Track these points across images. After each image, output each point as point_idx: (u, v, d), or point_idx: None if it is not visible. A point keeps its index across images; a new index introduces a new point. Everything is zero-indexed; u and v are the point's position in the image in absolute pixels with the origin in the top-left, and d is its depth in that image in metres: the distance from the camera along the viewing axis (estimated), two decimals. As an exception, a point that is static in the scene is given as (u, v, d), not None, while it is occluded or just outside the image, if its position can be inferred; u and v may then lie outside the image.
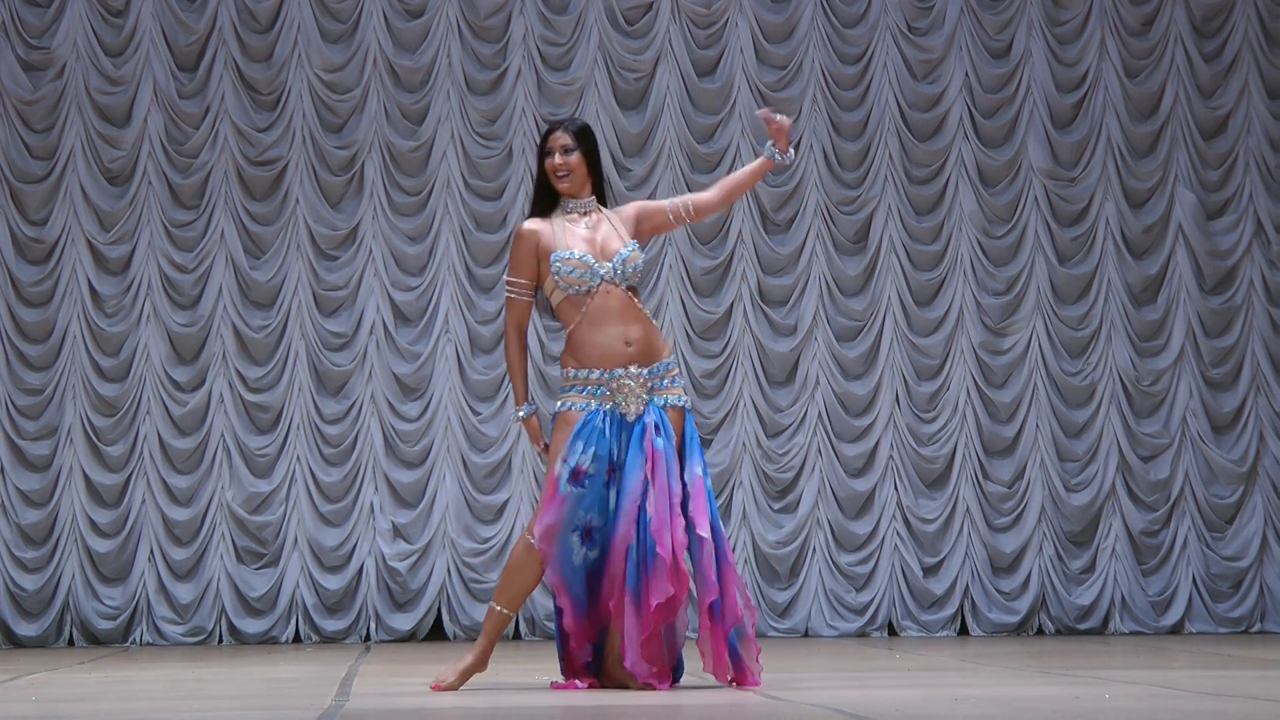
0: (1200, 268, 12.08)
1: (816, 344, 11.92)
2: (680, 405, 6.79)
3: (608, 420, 6.72)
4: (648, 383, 6.75)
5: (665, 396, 6.77)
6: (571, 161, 6.85)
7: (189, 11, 11.79)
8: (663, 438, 6.68)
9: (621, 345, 6.76)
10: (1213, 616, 11.87)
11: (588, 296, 6.79)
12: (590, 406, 6.73)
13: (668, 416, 6.74)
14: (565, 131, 6.88)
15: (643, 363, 6.76)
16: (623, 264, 6.81)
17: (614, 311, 6.77)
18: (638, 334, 6.78)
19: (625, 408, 6.73)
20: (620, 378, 6.74)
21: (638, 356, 6.76)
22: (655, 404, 6.75)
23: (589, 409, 6.73)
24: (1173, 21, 12.14)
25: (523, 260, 6.86)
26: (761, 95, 11.96)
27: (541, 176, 6.94)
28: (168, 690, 7.29)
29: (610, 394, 6.74)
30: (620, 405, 6.73)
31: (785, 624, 11.71)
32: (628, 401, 6.73)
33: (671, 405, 6.77)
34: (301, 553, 11.58)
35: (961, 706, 5.80)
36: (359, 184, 11.82)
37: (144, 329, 11.64)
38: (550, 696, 6.52)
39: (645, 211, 7.02)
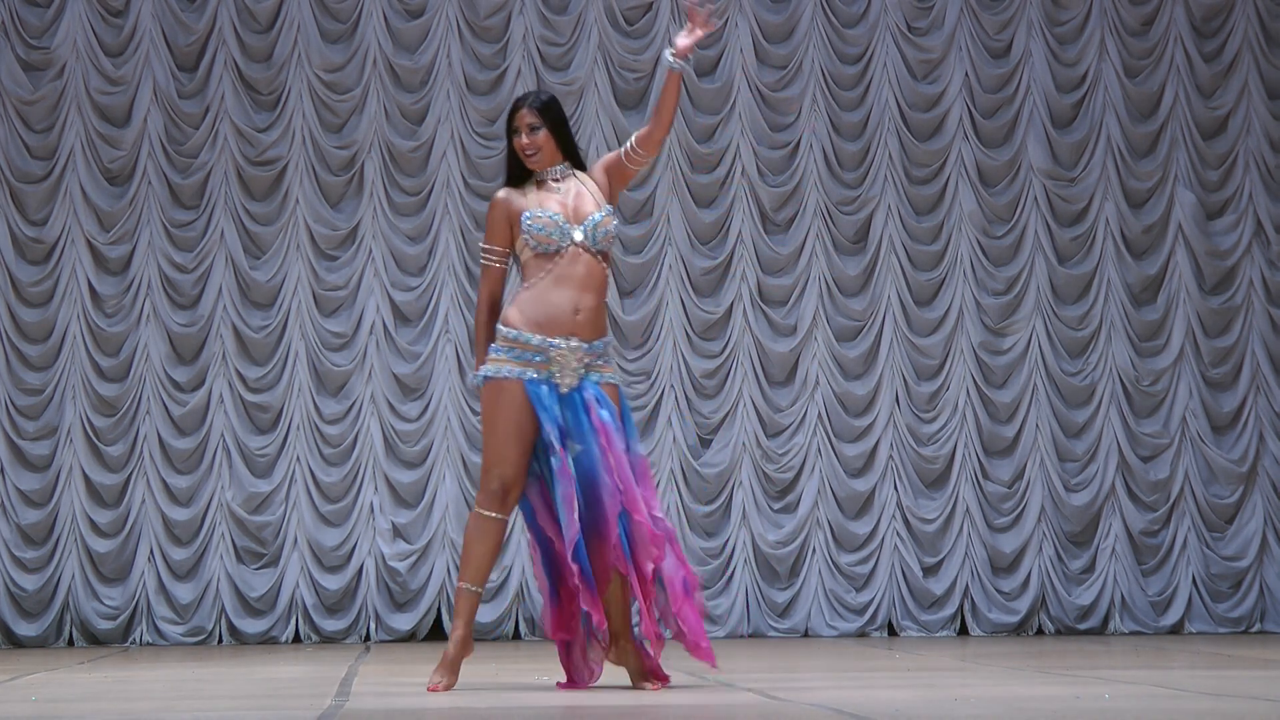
0: (1200, 268, 12.08)
1: (816, 344, 11.92)
2: (614, 382, 6.71)
3: (548, 389, 6.64)
4: (585, 358, 6.66)
5: (600, 374, 6.69)
6: (539, 139, 6.75)
7: (189, 11, 11.79)
8: (606, 410, 6.62)
9: (570, 313, 6.63)
10: (1212, 616, 11.88)
11: (556, 256, 6.68)
12: (527, 375, 6.62)
13: (605, 393, 6.67)
14: (530, 109, 6.77)
15: (585, 337, 6.65)
16: (594, 228, 6.68)
17: (576, 278, 6.65)
18: (590, 304, 6.66)
19: (560, 379, 6.65)
20: (559, 348, 6.63)
21: (582, 328, 6.64)
22: (591, 379, 6.67)
23: (526, 377, 6.61)
24: (1172, 21, 12.14)
25: (496, 226, 6.78)
26: (761, 95, 11.96)
27: (512, 154, 6.85)
28: (168, 690, 7.29)
29: (545, 363, 6.66)
30: (555, 376, 6.65)
31: (785, 624, 11.71)
32: (563, 374, 6.64)
33: (607, 382, 6.69)
34: (301, 553, 11.58)
35: (961, 706, 5.80)
36: (359, 184, 11.82)
37: (144, 329, 11.64)
38: (550, 696, 6.52)
39: (609, 166, 6.85)
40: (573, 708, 5.99)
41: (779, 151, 11.99)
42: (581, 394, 6.62)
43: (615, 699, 6.33)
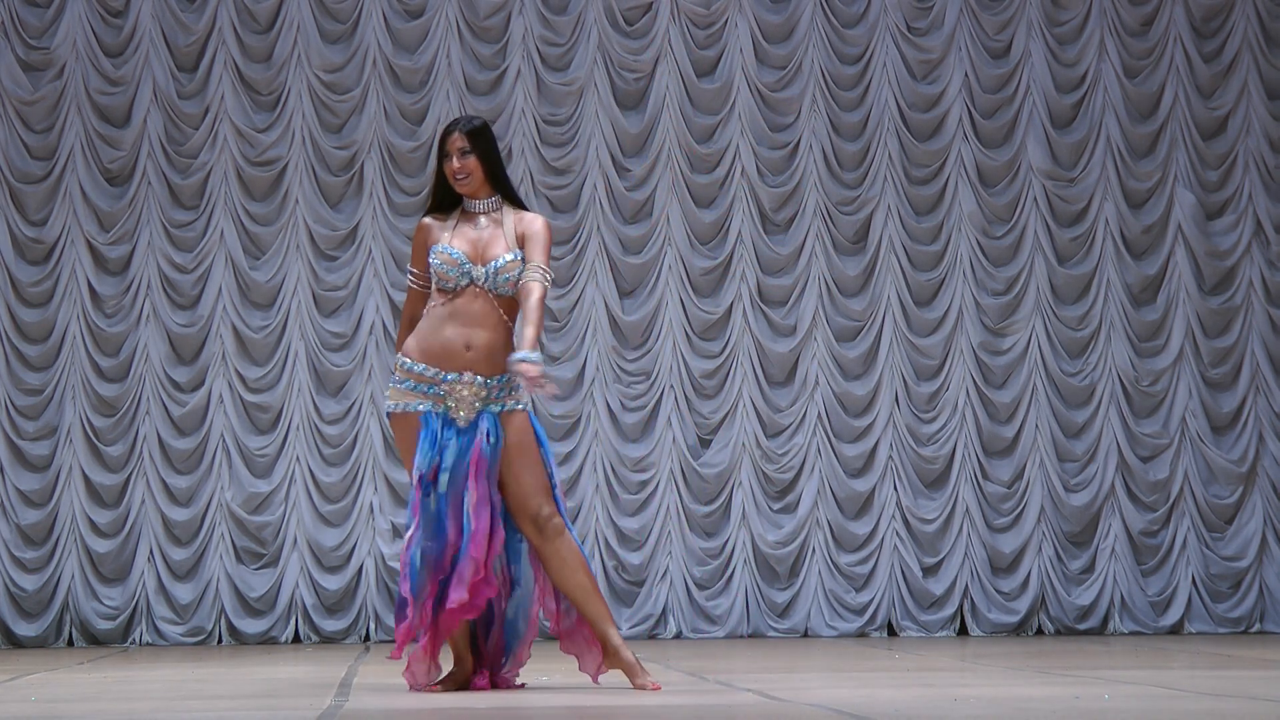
0: (1200, 268, 12.09)
1: (816, 344, 11.92)
2: (520, 408, 6.69)
3: (440, 422, 6.64)
4: (482, 392, 6.67)
5: (503, 403, 6.68)
6: (469, 164, 6.77)
7: (188, 12, 11.79)
8: (491, 446, 6.61)
9: (461, 349, 6.65)
10: (1212, 617, 11.88)
11: (455, 294, 6.71)
12: (422, 409, 6.65)
13: (503, 422, 6.66)
14: (461, 133, 6.79)
15: (481, 372, 6.66)
16: (495, 272, 6.69)
17: (470, 316, 6.68)
18: (483, 341, 6.66)
19: (455, 413, 6.65)
20: (454, 383, 6.65)
21: (475, 363, 6.65)
22: (490, 411, 6.67)
23: (421, 411, 6.64)
24: (1172, 22, 12.14)
25: (418, 252, 6.85)
26: (761, 96, 11.96)
27: (440, 179, 6.87)
28: (167, 690, 7.29)
29: (441, 397, 6.66)
30: (451, 410, 6.66)
31: (785, 624, 11.71)
32: (459, 407, 6.65)
33: (509, 410, 6.68)
34: (301, 553, 11.58)
35: (961, 707, 5.80)
36: (358, 184, 11.82)
37: (144, 329, 11.64)
38: (551, 697, 6.52)
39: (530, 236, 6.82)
40: (573, 708, 5.99)
41: (779, 152, 11.99)
42: (476, 424, 6.65)
43: (615, 700, 6.33)
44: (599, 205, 11.87)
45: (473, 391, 6.66)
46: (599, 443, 11.74)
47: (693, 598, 11.67)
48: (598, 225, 11.86)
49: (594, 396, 11.77)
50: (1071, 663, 8.40)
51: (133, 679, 8.10)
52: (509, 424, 6.68)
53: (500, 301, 6.73)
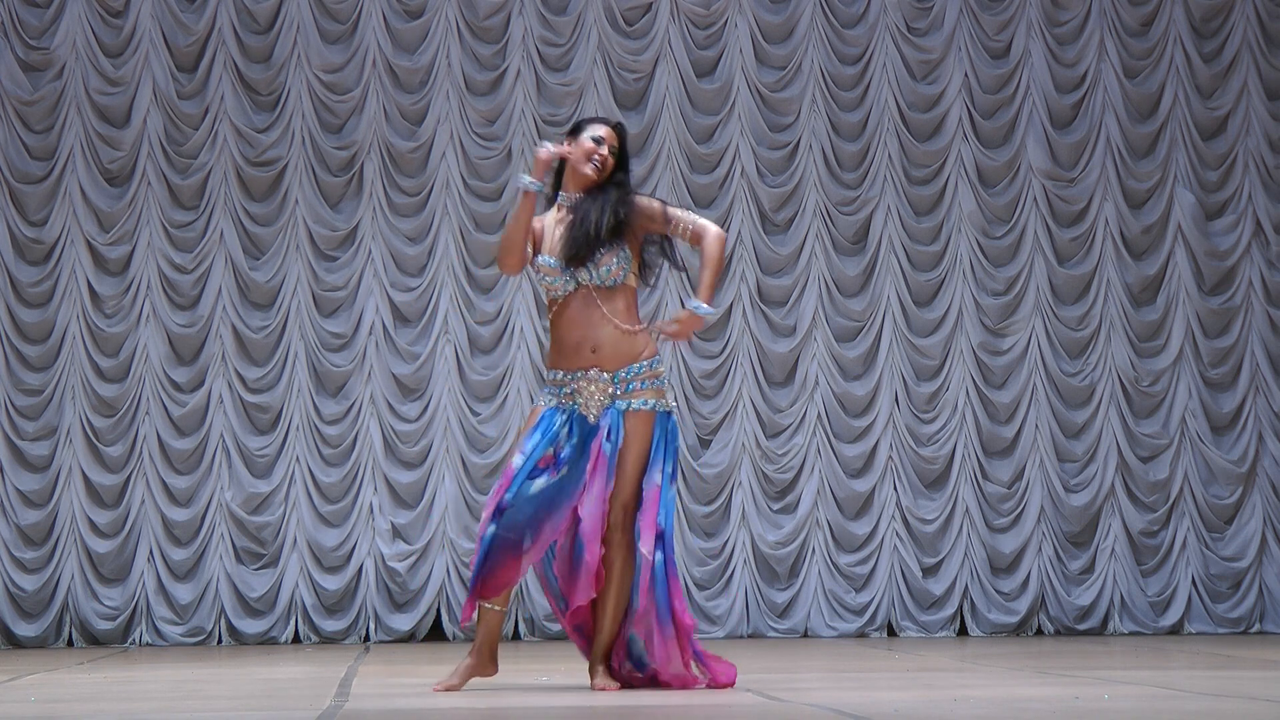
0: (1199, 268, 12.09)
1: (816, 344, 11.92)
2: (645, 410, 6.74)
3: (568, 418, 6.71)
4: (609, 388, 6.72)
5: (630, 400, 6.73)
6: (610, 162, 6.84)
7: (188, 12, 11.79)
8: (611, 444, 6.65)
9: (587, 352, 6.74)
10: (1212, 617, 11.88)
11: (566, 300, 6.77)
12: (550, 404, 6.75)
13: (628, 421, 6.70)
14: (615, 132, 6.86)
15: (606, 368, 6.73)
16: (596, 266, 6.76)
17: (583, 318, 6.75)
18: (605, 339, 6.73)
19: (586, 410, 6.72)
20: (579, 379, 6.72)
21: (601, 362, 6.72)
22: (617, 408, 6.71)
23: (549, 406, 6.75)
24: (1172, 22, 12.14)
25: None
26: (761, 96, 11.96)
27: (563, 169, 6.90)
28: (167, 691, 7.29)
29: (572, 395, 6.74)
30: (581, 407, 6.72)
31: (784, 624, 11.71)
32: (588, 405, 6.71)
33: (635, 410, 6.72)
34: (301, 553, 11.59)
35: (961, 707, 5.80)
36: (358, 184, 11.83)
37: (143, 329, 11.64)
38: (551, 696, 6.53)
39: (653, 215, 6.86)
40: (573, 708, 5.99)
41: (778, 152, 11.99)
42: (600, 422, 6.70)
43: (615, 700, 6.33)
44: (599, 205, 11.85)
45: (599, 388, 6.72)
46: (599, 443, 11.72)
47: (692, 598, 11.66)
48: (597, 225, 11.84)
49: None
50: (1071, 663, 8.40)
51: (133, 679, 8.10)
52: (629, 423, 6.71)
53: (607, 294, 6.76)
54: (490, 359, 11.79)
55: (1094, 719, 5.34)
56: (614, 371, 6.74)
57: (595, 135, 6.84)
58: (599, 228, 6.74)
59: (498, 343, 11.80)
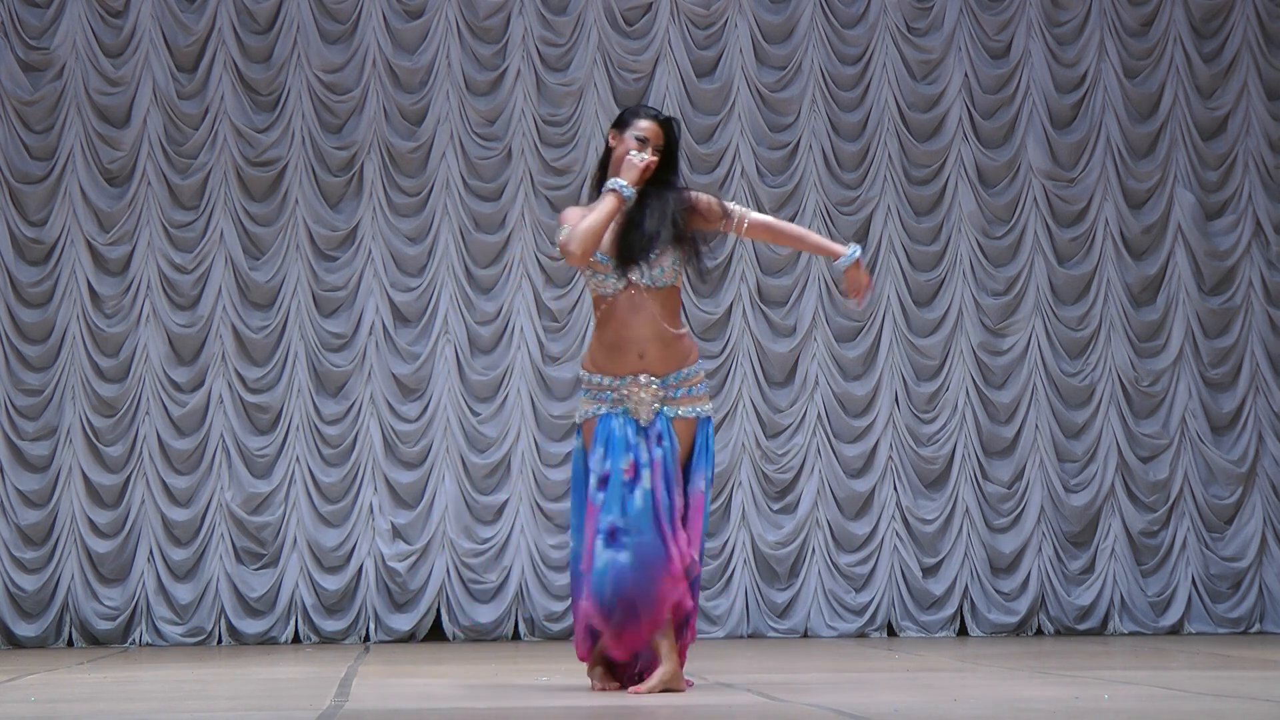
0: (1199, 268, 12.09)
1: (816, 344, 11.92)
2: (691, 417, 6.70)
3: (624, 422, 6.65)
4: (659, 392, 6.67)
5: (677, 408, 6.68)
6: (653, 165, 6.67)
7: (188, 12, 11.79)
8: (663, 449, 6.61)
9: (635, 358, 6.64)
10: (1212, 617, 11.88)
11: (613, 299, 6.67)
12: (601, 411, 6.65)
13: (676, 427, 6.66)
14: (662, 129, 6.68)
15: (657, 373, 6.66)
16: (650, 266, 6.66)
17: (632, 320, 6.63)
18: (654, 347, 6.64)
19: (636, 413, 6.65)
20: (628, 384, 6.65)
21: (650, 366, 6.64)
22: (665, 414, 6.66)
23: (600, 414, 6.65)
24: (1172, 22, 12.14)
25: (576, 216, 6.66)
26: (761, 96, 11.96)
27: (607, 157, 6.75)
28: (167, 691, 7.29)
29: (621, 399, 6.67)
30: (632, 411, 6.65)
31: (784, 624, 11.71)
32: (638, 409, 6.65)
33: (681, 417, 6.68)
34: (301, 553, 11.58)
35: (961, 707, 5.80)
36: (358, 184, 11.82)
37: (143, 329, 11.64)
38: (550, 696, 6.52)
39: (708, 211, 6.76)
40: (571, 708, 5.99)
41: (778, 152, 11.99)
42: (652, 428, 6.64)
43: (614, 700, 6.33)
44: (599, 205, 11.85)
45: (650, 393, 6.66)
46: (599, 443, 11.72)
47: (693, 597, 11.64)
48: (597, 225, 11.84)
49: (594, 397, 11.76)
50: (1071, 663, 8.40)
51: (132, 679, 8.10)
52: (677, 428, 6.67)
53: (656, 296, 6.66)
54: (490, 359, 11.79)
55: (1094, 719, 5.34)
56: (664, 376, 6.67)
57: (640, 134, 6.68)
58: (656, 239, 6.61)
59: (498, 343, 11.80)
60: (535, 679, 7.45)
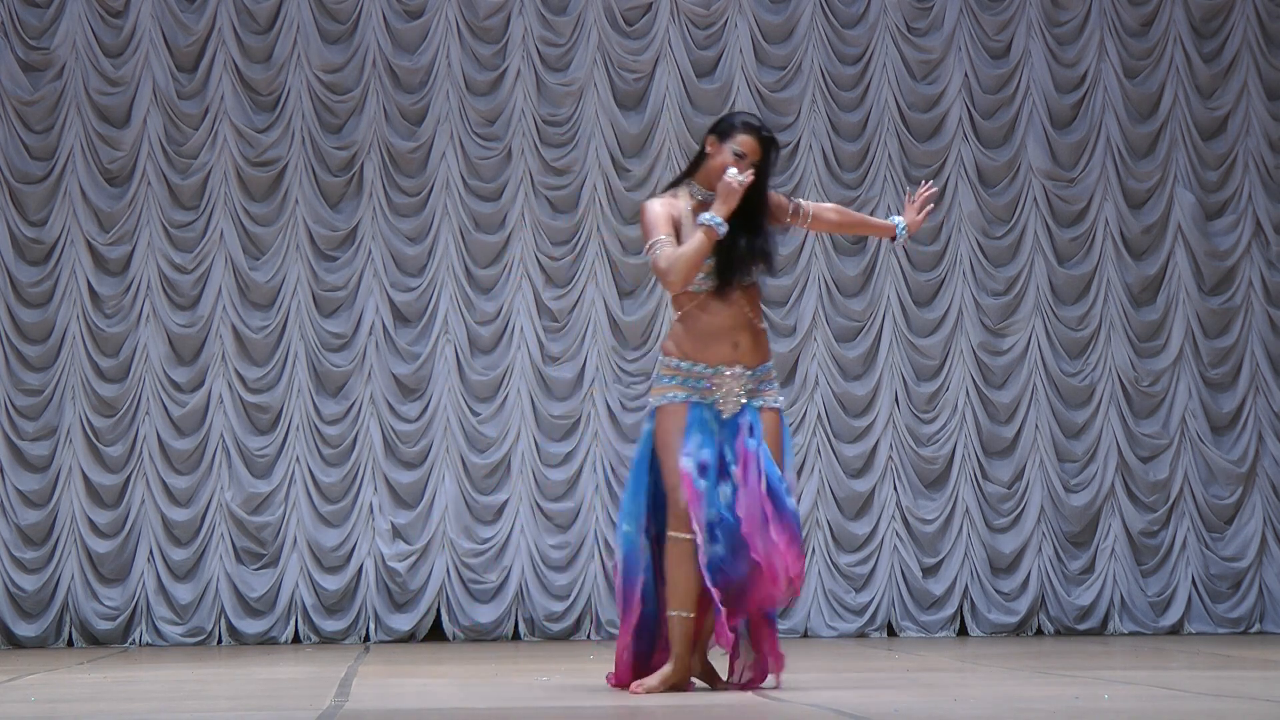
0: (1199, 268, 12.09)
1: (816, 344, 11.92)
2: (775, 407, 6.74)
3: (710, 414, 6.66)
4: (748, 384, 6.69)
5: (763, 398, 6.71)
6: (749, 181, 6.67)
7: (188, 12, 11.79)
8: (755, 439, 6.62)
9: (730, 348, 6.68)
10: (1212, 617, 11.87)
11: (702, 294, 6.71)
12: (692, 399, 6.65)
13: (764, 418, 6.68)
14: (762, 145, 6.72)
15: (748, 364, 6.70)
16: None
17: (727, 312, 6.70)
18: (746, 339, 6.70)
19: (723, 405, 6.66)
20: (720, 373, 6.67)
21: (743, 358, 6.69)
22: (752, 406, 6.67)
23: (691, 401, 6.64)
24: (1172, 22, 12.14)
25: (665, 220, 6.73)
26: (761, 96, 11.96)
27: (700, 158, 6.78)
28: (167, 691, 7.29)
29: (710, 389, 6.68)
30: (719, 402, 6.66)
31: (784, 624, 11.70)
32: (726, 400, 6.66)
33: (768, 407, 6.71)
34: (301, 553, 11.58)
35: (961, 707, 5.80)
36: (358, 185, 11.82)
37: (143, 329, 11.64)
38: (550, 697, 6.52)
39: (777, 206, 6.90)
40: (571, 708, 5.99)
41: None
42: (738, 419, 6.65)
43: (614, 700, 6.33)
44: (599, 206, 11.87)
45: (740, 385, 6.68)
46: (599, 443, 11.74)
47: (692, 598, 11.65)
48: (597, 226, 11.86)
49: (594, 397, 11.77)
50: (1071, 663, 8.40)
51: (133, 679, 8.10)
52: (765, 420, 6.70)
53: (745, 291, 6.75)
54: (490, 359, 11.79)
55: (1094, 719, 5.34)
56: (754, 368, 6.71)
57: (738, 149, 6.69)
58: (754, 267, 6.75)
59: (498, 343, 11.80)
60: (535, 679, 7.45)
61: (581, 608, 11.62)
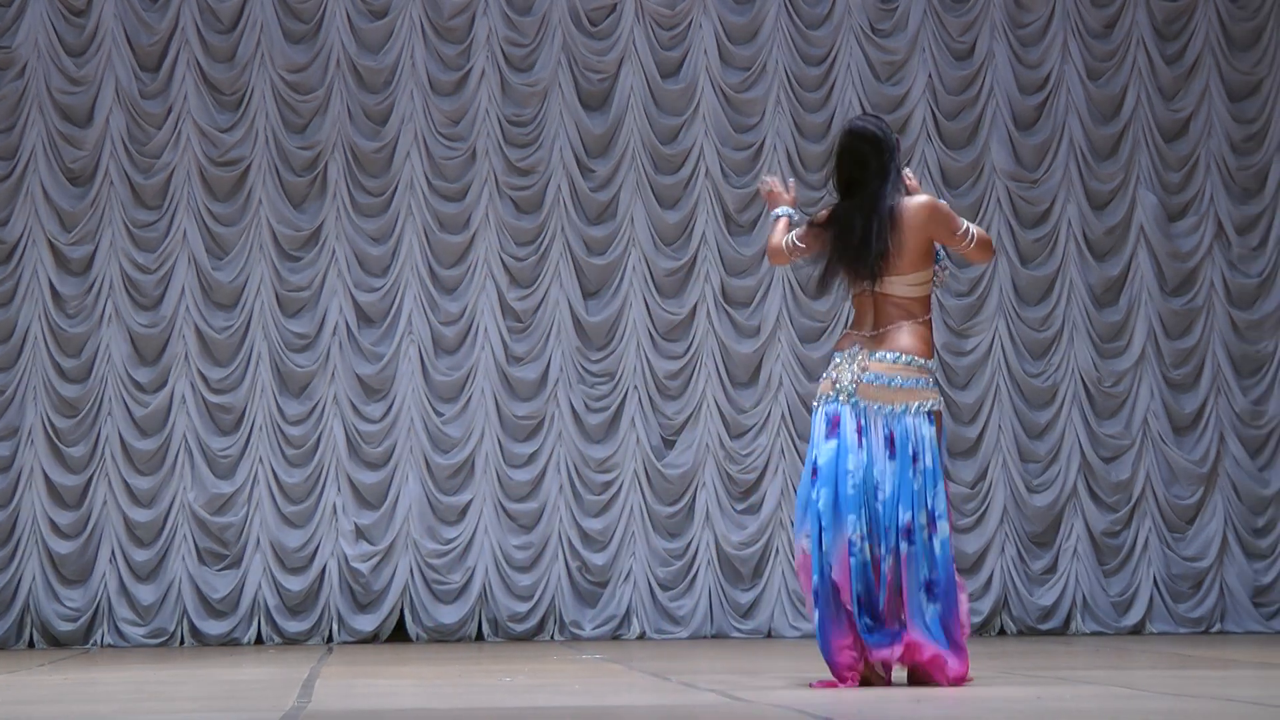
0: (1161, 269, 12.13)
1: (780, 345, 11.93)
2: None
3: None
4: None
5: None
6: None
7: (151, 11, 11.75)
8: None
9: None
10: (1173, 617, 11.92)
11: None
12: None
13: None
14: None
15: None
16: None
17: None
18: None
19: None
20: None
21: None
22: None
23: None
24: (1134, 24, 12.18)
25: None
26: (725, 96, 11.97)
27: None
28: (129, 692, 7.26)
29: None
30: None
31: (748, 625, 11.71)
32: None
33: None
34: (264, 554, 11.55)
35: (923, 707, 5.81)
36: (322, 185, 11.80)
37: (105, 330, 11.59)
38: (513, 697, 6.52)
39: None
40: (535, 709, 5.99)
41: (743, 152, 12.00)
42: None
43: (578, 700, 6.33)
44: (563, 206, 11.86)
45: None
46: (563, 444, 11.74)
47: (656, 598, 11.67)
48: (562, 226, 11.85)
49: (558, 397, 11.77)
50: (1033, 663, 8.42)
51: (94, 681, 8.07)
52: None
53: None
54: (454, 359, 11.78)
55: (1056, 719, 5.35)
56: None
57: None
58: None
59: (461, 343, 11.78)
60: (499, 679, 7.45)
61: (545, 608, 11.61)
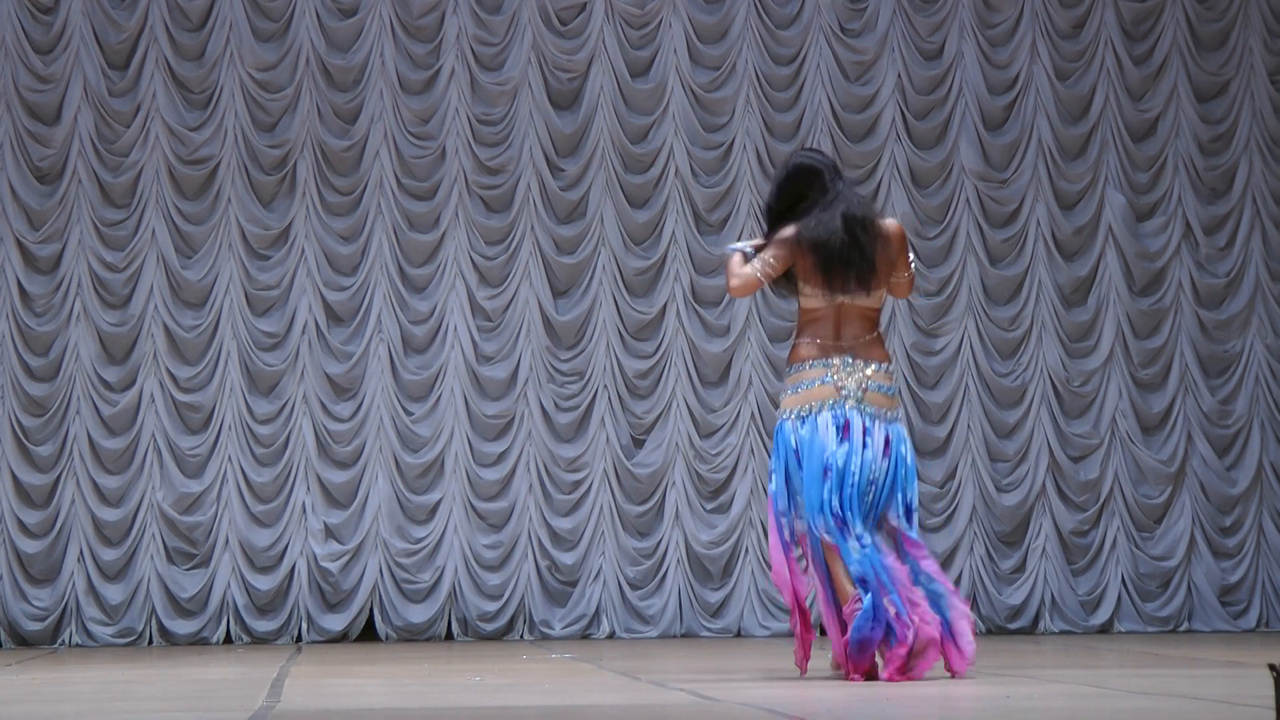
0: (1130, 269, 12.17)
1: (749, 344, 11.94)
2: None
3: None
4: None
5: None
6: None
7: (119, 9, 11.72)
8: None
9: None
10: (1141, 616, 11.95)
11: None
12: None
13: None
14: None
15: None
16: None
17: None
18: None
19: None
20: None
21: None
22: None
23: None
24: (1103, 25, 12.22)
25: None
26: (695, 96, 11.98)
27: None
28: (97, 692, 7.25)
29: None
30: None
31: (718, 624, 11.72)
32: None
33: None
34: (233, 553, 11.53)
35: (892, 706, 5.82)
36: (291, 183, 11.78)
37: (74, 328, 11.56)
38: (483, 696, 6.52)
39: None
40: (505, 708, 5.99)
41: (712, 152, 12.01)
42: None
43: (548, 700, 6.33)
44: (533, 205, 11.86)
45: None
46: (532, 443, 11.73)
47: (626, 598, 11.67)
48: (531, 225, 11.85)
49: (527, 396, 11.76)
50: (1002, 662, 8.44)
51: (62, 680, 8.05)
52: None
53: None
54: (423, 358, 11.76)
55: (1025, 717, 5.37)
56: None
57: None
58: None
59: (431, 342, 11.77)
60: (469, 679, 7.44)
61: (515, 608, 11.61)
